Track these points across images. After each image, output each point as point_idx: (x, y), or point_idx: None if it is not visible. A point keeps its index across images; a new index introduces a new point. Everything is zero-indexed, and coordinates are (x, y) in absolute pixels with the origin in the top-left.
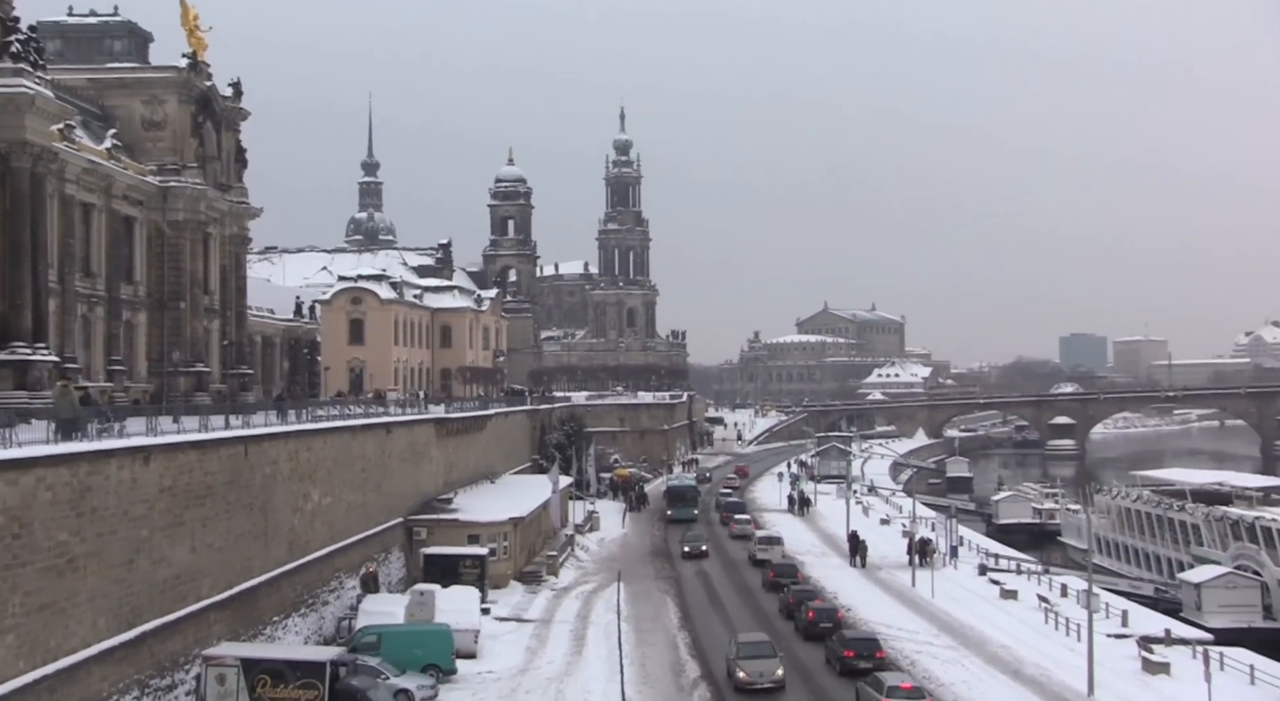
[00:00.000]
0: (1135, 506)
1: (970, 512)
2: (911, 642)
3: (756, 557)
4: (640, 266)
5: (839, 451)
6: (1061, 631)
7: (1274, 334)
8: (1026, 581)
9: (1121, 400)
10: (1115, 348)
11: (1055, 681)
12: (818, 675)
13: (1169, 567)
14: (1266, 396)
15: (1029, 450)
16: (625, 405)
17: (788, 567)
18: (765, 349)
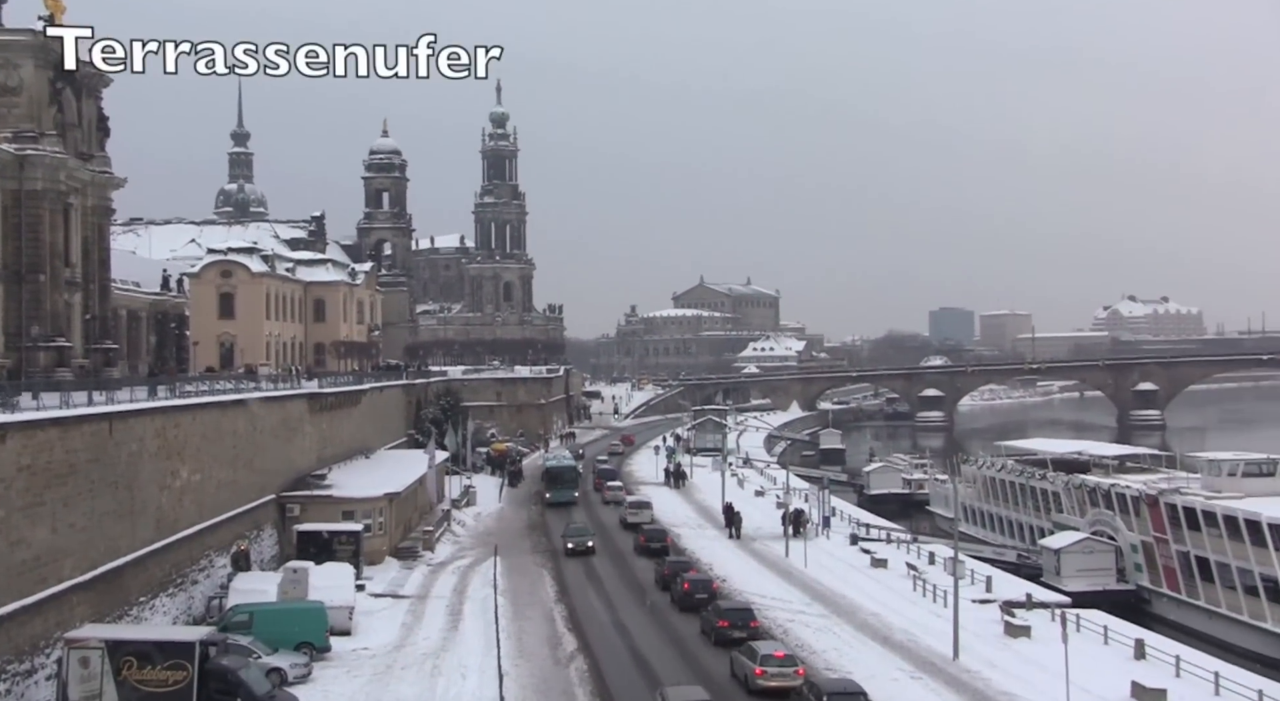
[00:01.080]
0: (999, 476)
1: (842, 484)
2: (785, 612)
3: (627, 521)
4: (517, 240)
5: (715, 424)
6: (929, 598)
7: (1130, 308)
8: (896, 550)
9: (988, 373)
10: (982, 321)
11: (922, 646)
12: (693, 645)
13: (1031, 534)
14: (1123, 368)
15: (900, 422)
16: (502, 379)
17: (657, 532)
18: (642, 323)
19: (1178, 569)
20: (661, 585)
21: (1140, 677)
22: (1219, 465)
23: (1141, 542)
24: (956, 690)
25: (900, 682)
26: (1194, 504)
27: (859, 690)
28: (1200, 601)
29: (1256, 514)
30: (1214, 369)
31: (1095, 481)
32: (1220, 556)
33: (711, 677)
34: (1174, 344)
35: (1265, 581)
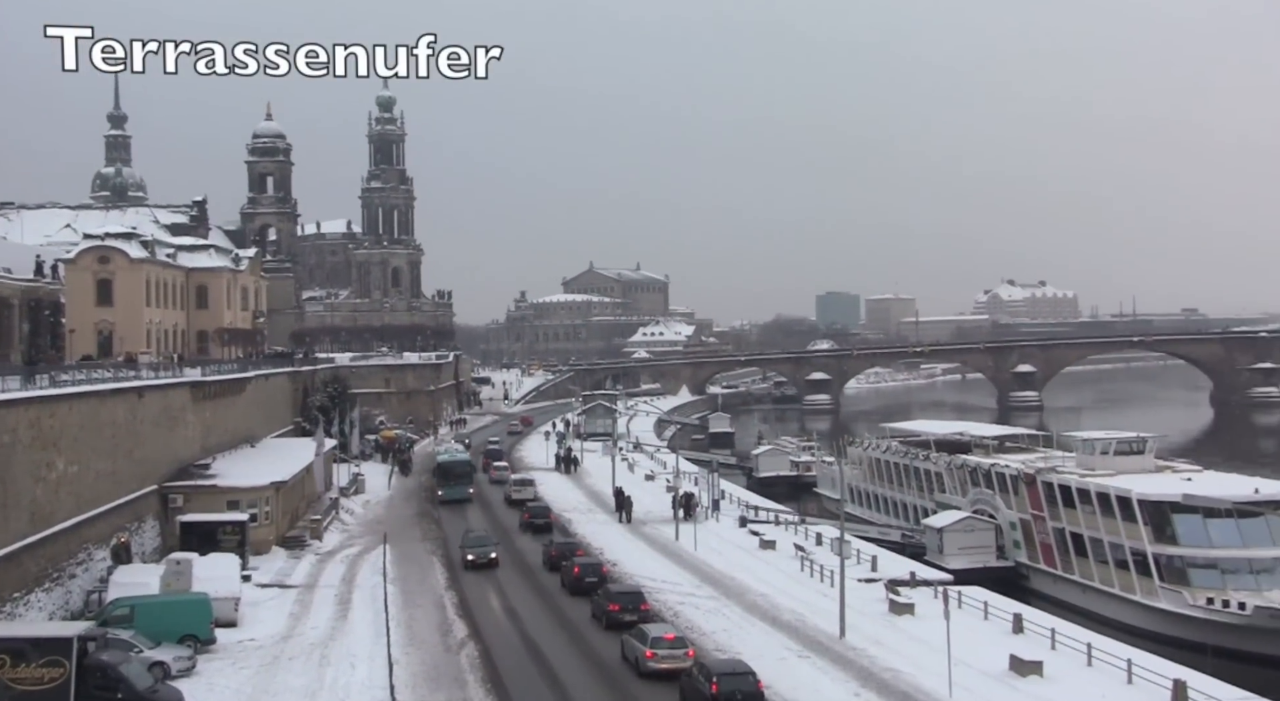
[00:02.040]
0: (884, 457)
1: (732, 467)
2: (675, 594)
3: (512, 498)
4: (405, 225)
5: (605, 409)
6: (816, 578)
7: (1009, 292)
8: (784, 531)
9: (873, 356)
10: (868, 305)
11: (810, 625)
12: (584, 629)
13: (915, 514)
14: (1002, 351)
15: (788, 405)
16: (391, 366)
17: (541, 509)
18: (532, 308)
19: (1054, 545)
20: (549, 565)
21: (1018, 650)
22: (1092, 444)
23: (1020, 520)
24: (843, 668)
25: (788, 662)
26: (1069, 482)
27: (747, 670)
28: (1075, 576)
29: (1127, 490)
30: (1089, 351)
31: (976, 461)
32: (1093, 532)
33: (602, 661)
34: (1051, 327)
35: (1135, 555)
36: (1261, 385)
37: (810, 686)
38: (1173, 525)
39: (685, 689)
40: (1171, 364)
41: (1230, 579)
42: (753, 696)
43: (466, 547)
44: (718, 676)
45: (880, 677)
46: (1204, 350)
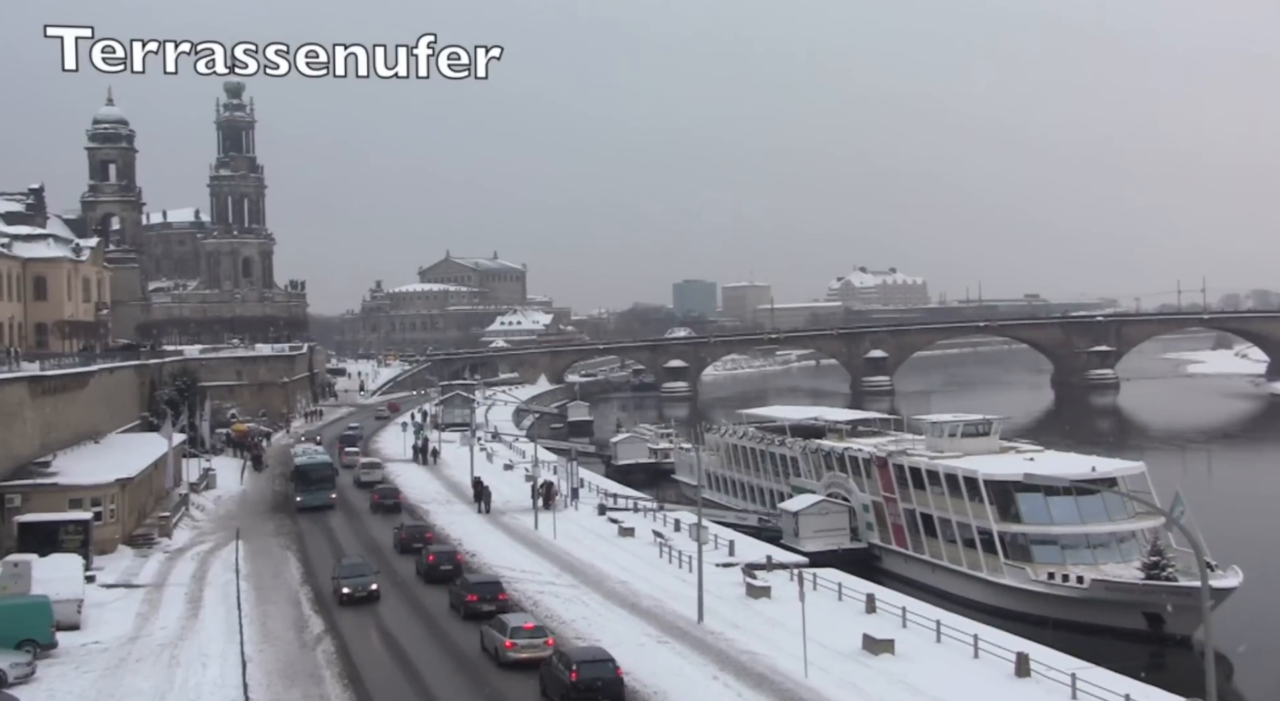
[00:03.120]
0: (741, 443)
1: (591, 455)
2: (535, 583)
3: (361, 480)
4: (255, 214)
5: (463, 399)
6: (675, 564)
7: (861, 279)
8: (643, 518)
9: (730, 343)
10: (724, 293)
11: (669, 611)
12: (443, 620)
13: (772, 498)
14: (855, 337)
15: (646, 393)
16: (242, 358)
17: (390, 490)
18: (388, 298)
19: (905, 526)
20: (400, 547)
21: (871, 630)
22: (940, 427)
23: (872, 502)
24: (701, 652)
25: (647, 647)
26: (918, 464)
27: (607, 657)
28: (925, 555)
29: (973, 471)
30: (937, 336)
31: (830, 446)
32: (942, 512)
33: (462, 652)
34: (901, 313)
35: (981, 534)
36: (1098, 367)
37: (669, 671)
38: (1016, 504)
39: (545, 678)
40: (1016, 348)
41: (1070, 554)
42: (613, 683)
43: (341, 578)
44: (577, 664)
45: (738, 660)
46: (1045, 334)
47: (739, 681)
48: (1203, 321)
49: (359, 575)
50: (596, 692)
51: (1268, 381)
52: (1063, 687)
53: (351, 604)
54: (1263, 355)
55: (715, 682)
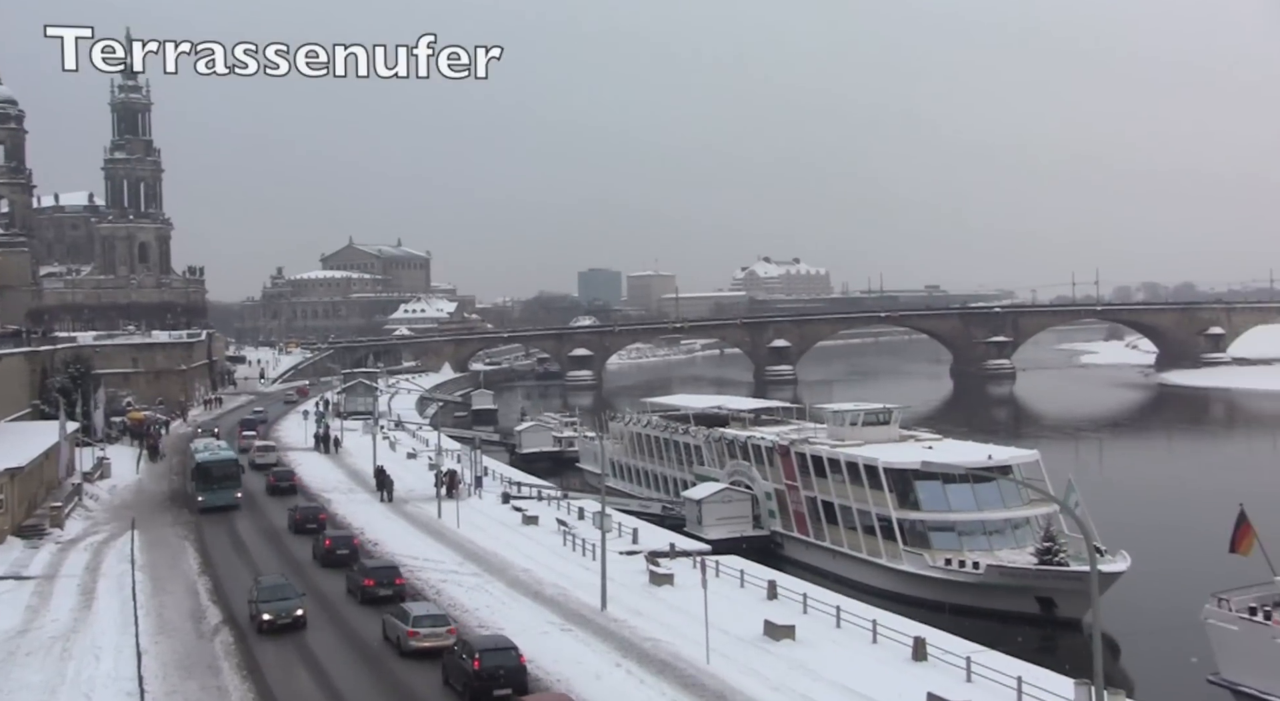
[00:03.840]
0: (645, 431)
1: (495, 443)
2: (438, 572)
3: (256, 462)
4: (152, 198)
5: (365, 388)
6: (579, 552)
7: (765, 269)
8: (547, 507)
9: (634, 332)
10: (629, 282)
11: (573, 599)
12: (343, 608)
13: (675, 486)
14: (758, 326)
15: (551, 381)
16: (139, 345)
17: (285, 472)
18: (289, 285)
19: (806, 513)
20: (294, 528)
21: (772, 616)
22: (842, 415)
23: (775, 490)
24: (604, 639)
25: (551, 635)
26: (820, 452)
27: (510, 645)
28: (826, 542)
29: (874, 459)
30: (840, 326)
31: (733, 434)
32: (843, 500)
33: (363, 640)
34: (805, 303)
35: (881, 521)
36: (995, 358)
37: (572, 659)
38: (915, 492)
39: (448, 667)
40: (916, 338)
41: (966, 540)
42: (515, 671)
43: (260, 602)
44: (480, 653)
45: (641, 647)
46: (945, 325)
47: (641, 668)
48: (1096, 313)
49: (281, 598)
50: (499, 681)
51: (1156, 372)
52: (958, 671)
53: (273, 632)
54: (1152, 346)
55: (618, 670)
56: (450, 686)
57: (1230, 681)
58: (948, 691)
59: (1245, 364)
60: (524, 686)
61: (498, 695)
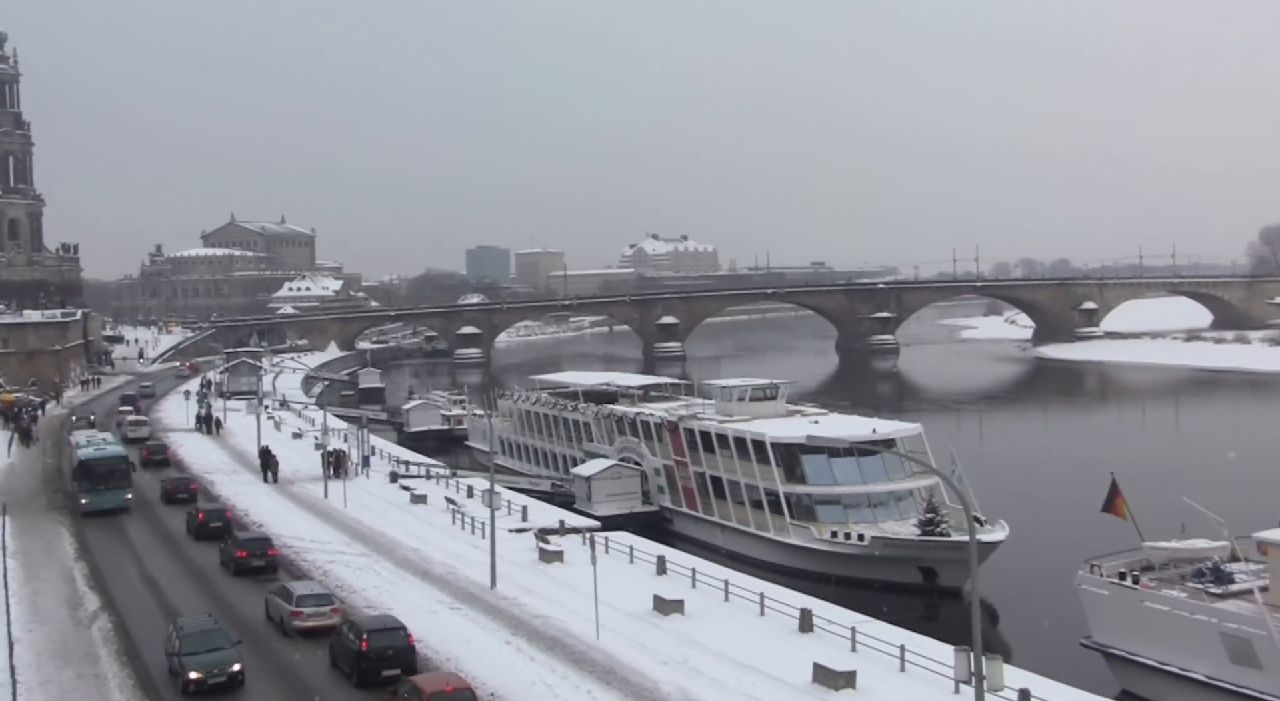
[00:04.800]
0: (534, 409)
1: (382, 422)
2: (324, 553)
3: (129, 437)
4: (22, 173)
5: (249, 367)
6: (468, 530)
7: (654, 246)
8: (436, 486)
9: (523, 309)
10: (518, 259)
11: (462, 577)
12: (221, 585)
13: (565, 464)
14: (647, 303)
15: (439, 359)
16: (9, 325)
17: (159, 447)
18: (169, 263)
19: (695, 488)
20: (165, 499)
21: (661, 591)
22: (730, 391)
23: (664, 466)
24: (494, 617)
25: (440, 614)
26: (708, 428)
27: (398, 625)
28: (715, 517)
29: (761, 434)
30: (727, 302)
31: (622, 411)
32: (731, 475)
33: (245, 621)
34: (693, 280)
35: (769, 495)
36: (879, 333)
37: (462, 638)
38: (802, 466)
39: (335, 648)
40: (802, 314)
41: (851, 513)
42: (404, 651)
43: (184, 655)
44: (368, 633)
45: (531, 625)
46: (830, 301)
47: (531, 645)
48: (976, 289)
49: (211, 649)
50: (387, 661)
51: (1033, 346)
52: (843, 641)
53: (201, 695)
54: (1029, 321)
55: (508, 647)
56: (338, 668)
57: (1101, 644)
58: (833, 661)
59: (1117, 337)
60: (413, 666)
61: (386, 675)
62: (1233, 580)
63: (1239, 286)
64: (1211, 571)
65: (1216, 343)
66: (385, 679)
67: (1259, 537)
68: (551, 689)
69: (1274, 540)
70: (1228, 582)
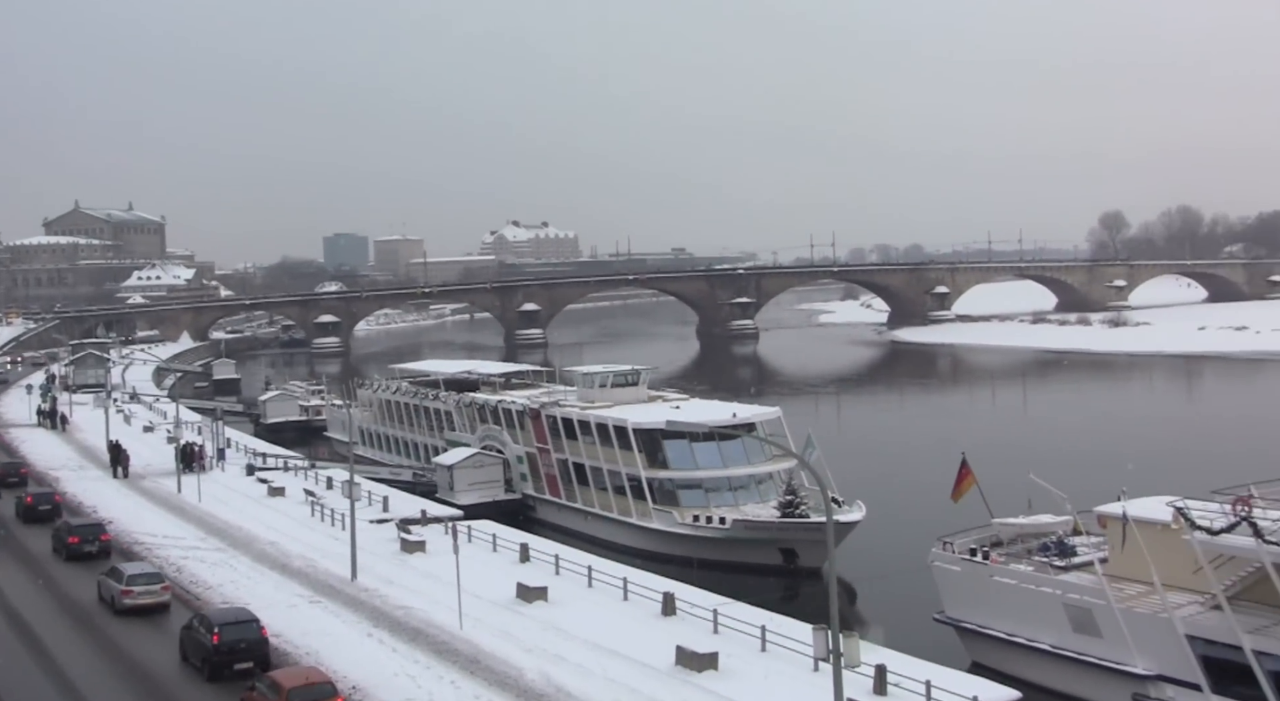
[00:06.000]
0: (395, 398)
1: (238, 414)
2: (178, 549)
3: None
4: None
5: (96, 359)
6: (328, 522)
7: (514, 233)
8: (294, 477)
9: (382, 297)
10: (376, 247)
11: (321, 570)
12: (50, 567)
13: (427, 453)
14: (508, 291)
15: (296, 349)
16: None
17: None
18: (8, 252)
19: (558, 475)
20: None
21: (525, 579)
22: (591, 378)
23: (526, 454)
24: (355, 609)
25: (299, 608)
26: (570, 414)
27: (251, 618)
28: (578, 504)
29: (623, 420)
30: (589, 289)
31: (484, 399)
32: (594, 461)
33: (75, 601)
34: (554, 267)
35: (631, 481)
36: (739, 318)
37: (321, 631)
38: (664, 451)
39: (186, 642)
40: (664, 300)
41: (713, 497)
42: (257, 643)
43: None
44: (219, 627)
45: (393, 616)
46: (691, 287)
47: (394, 637)
48: (833, 274)
49: None
50: (240, 655)
51: (888, 329)
52: (705, 623)
53: None
54: (884, 305)
55: (369, 640)
56: (189, 662)
57: (953, 619)
58: (695, 643)
59: (967, 320)
60: (266, 658)
61: (239, 668)
62: (1075, 553)
63: (1081, 270)
64: (1056, 545)
65: (1060, 325)
66: (238, 672)
67: (1099, 511)
68: (415, 680)
69: (1113, 513)
70: (1071, 555)
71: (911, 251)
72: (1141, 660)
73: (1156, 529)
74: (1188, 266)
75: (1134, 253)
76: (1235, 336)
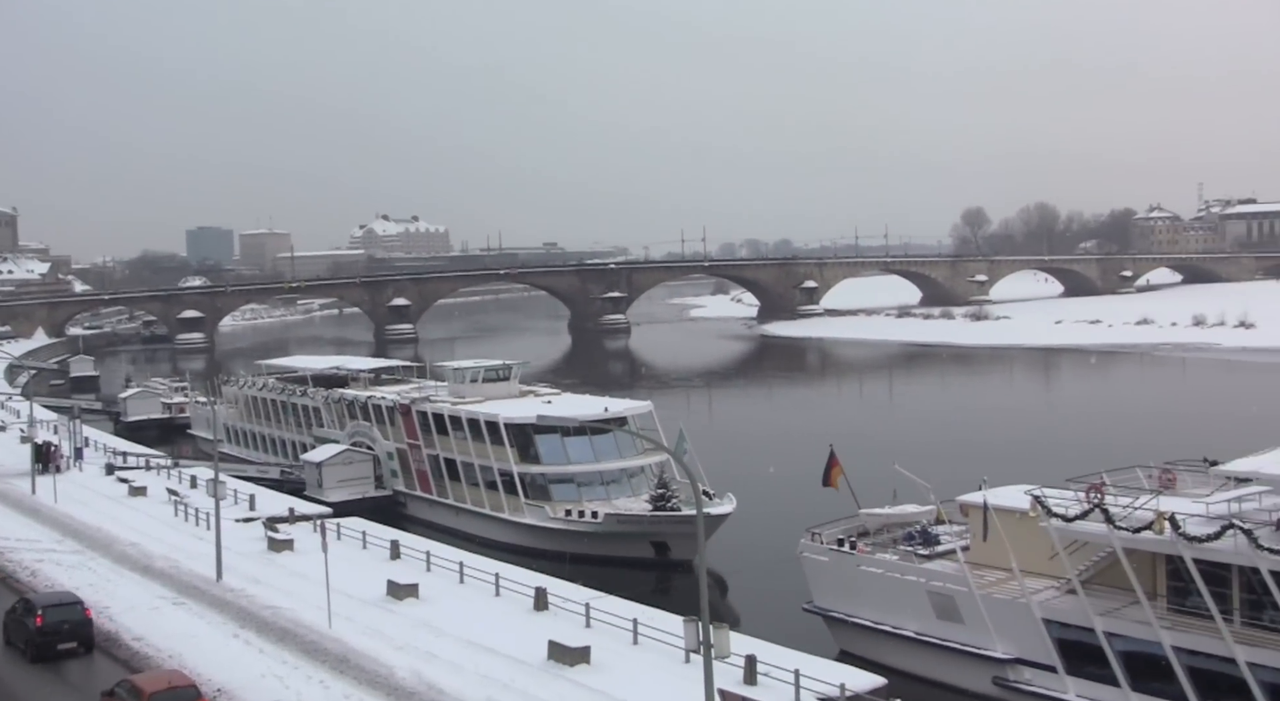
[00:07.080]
0: (261, 394)
1: (97, 412)
2: (32, 552)
3: None
4: None
5: None
6: (192, 522)
7: (384, 227)
8: (156, 476)
9: (248, 292)
10: (242, 241)
11: (185, 570)
12: None
13: (294, 450)
14: (378, 285)
15: (158, 345)
16: None
17: None
18: None
19: (429, 472)
20: None
21: (395, 576)
22: (462, 373)
23: (397, 450)
24: (220, 610)
25: (162, 610)
26: (441, 410)
27: (74, 600)
28: (450, 500)
29: (494, 415)
30: (460, 284)
31: (353, 395)
32: (465, 457)
33: None
34: (424, 261)
35: (503, 476)
36: (611, 313)
37: (185, 633)
38: (535, 446)
39: (9, 625)
40: (535, 295)
41: (585, 491)
42: (81, 625)
43: None
44: (42, 609)
45: (260, 616)
46: (562, 281)
47: (261, 637)
48: (704, 269)
49: None
50: (63, 636)
51: (759, 323)
52: (578, 617)
53: None
54: (755, 300)
55: (235, 641)
56: (12, 646)
57: (821, 608)
58: (567, 637)
59: (835, 315)
60: (90, 640)
61: (62, 649)
62: (939, 541)
63: (944, 265)
64: (920, 534)
65: (925, 319)
66: (61, 653)
67: (961, 500)
68: (282, 680)
69: (974, 502)
70: (934, 544)
71: (781, 246)
72: (1001, 644)
73: (1015, 516)
74: (1045, 262)
75: (995, 248)
76: (1089, 329)
